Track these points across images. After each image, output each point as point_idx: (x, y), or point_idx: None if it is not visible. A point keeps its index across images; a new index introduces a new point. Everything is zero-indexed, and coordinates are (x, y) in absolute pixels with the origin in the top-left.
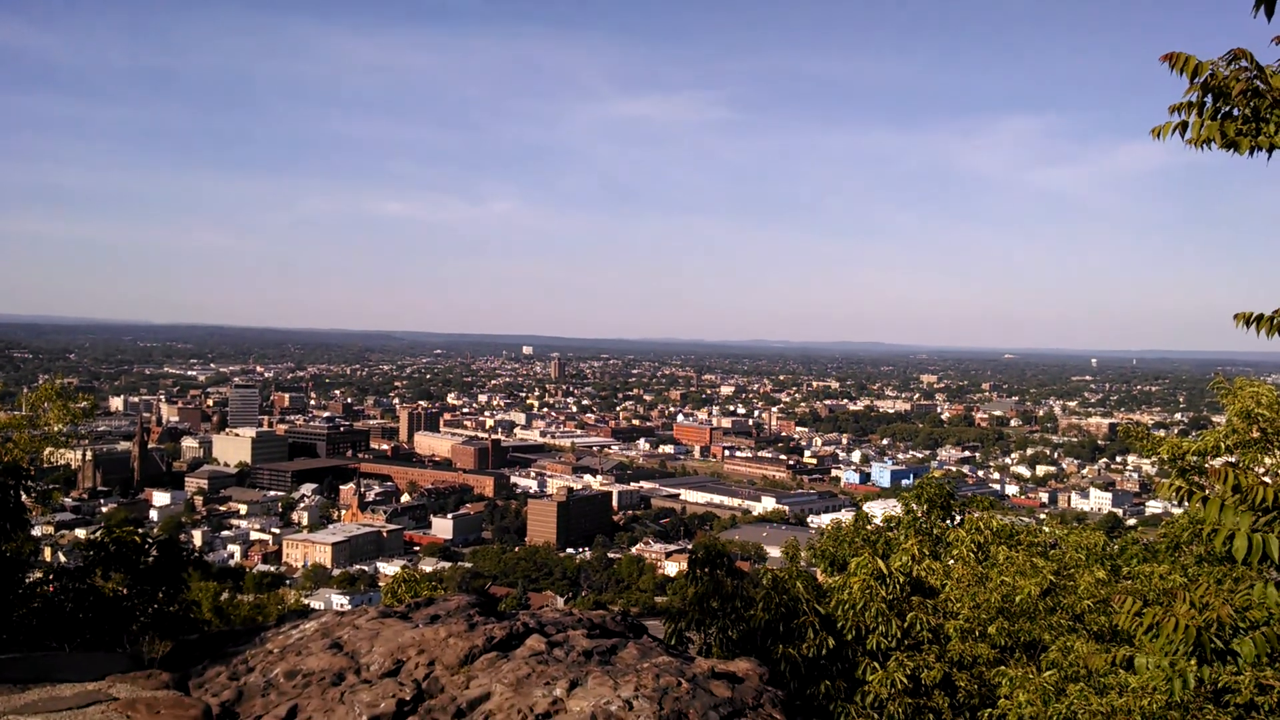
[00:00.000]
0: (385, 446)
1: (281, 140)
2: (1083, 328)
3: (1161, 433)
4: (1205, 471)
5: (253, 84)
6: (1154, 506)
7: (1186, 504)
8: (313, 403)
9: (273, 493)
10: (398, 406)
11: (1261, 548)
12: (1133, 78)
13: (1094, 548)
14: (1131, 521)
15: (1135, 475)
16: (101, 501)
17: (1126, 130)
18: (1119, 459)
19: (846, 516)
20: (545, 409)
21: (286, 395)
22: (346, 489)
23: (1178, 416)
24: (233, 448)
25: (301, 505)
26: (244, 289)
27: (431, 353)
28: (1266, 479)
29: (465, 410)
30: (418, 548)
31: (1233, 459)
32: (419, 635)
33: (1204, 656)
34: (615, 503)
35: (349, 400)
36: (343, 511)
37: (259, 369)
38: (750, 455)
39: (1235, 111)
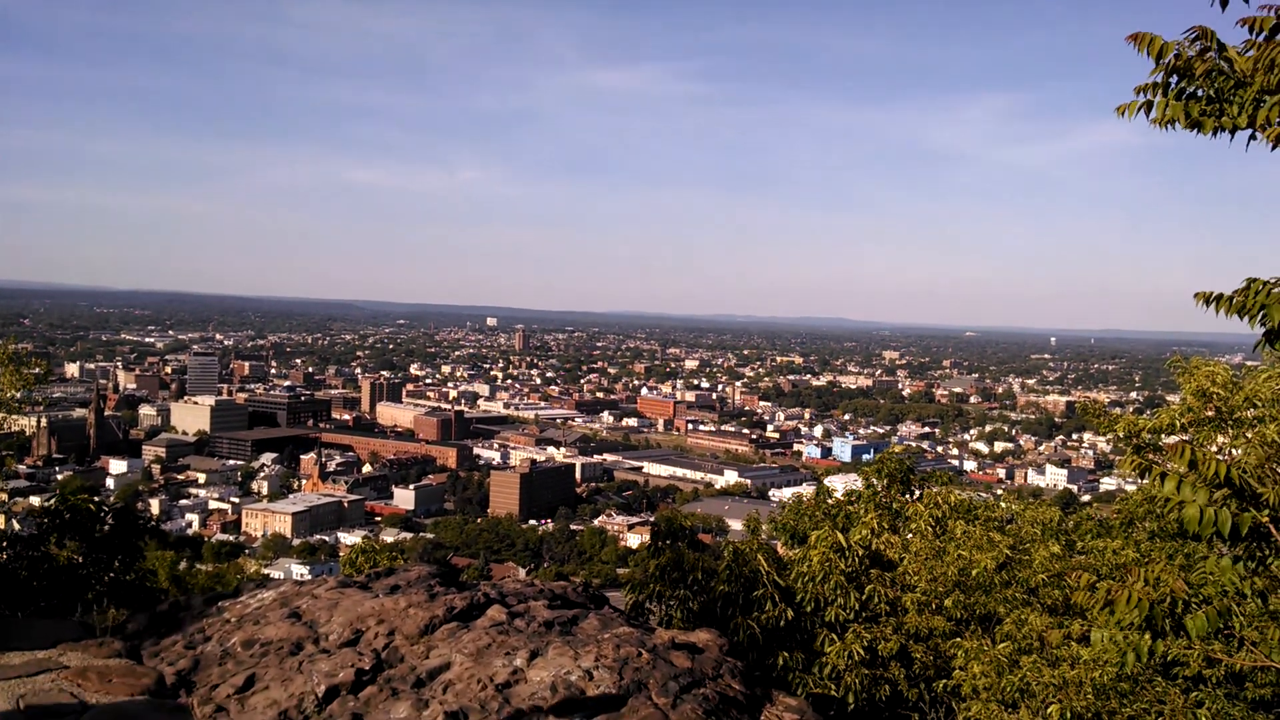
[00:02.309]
0: (347, 416)
1: (246, 104)
2: (1043, 306)
3: (1118, 410)
4: (1161, 449)
5: (219, 46)
6: (1108, 483)
7: (1144, 479)
8: (273, 371)
9: (232, 462)
10: (360, 376)
11: (1214, 522)
12: (1102, 57)
13: (1049, 523)
14: (1086, 498)
15: (1091, 452)
16: (57, 469)
17: (1093, 109)
18: (1075, 436)
19: (808, 490)
20: (509, 381)
21: (247, 364)
22: (307, 459)
23: (1133, 395)
24: (191, 416)
25: (261, 475)
26: (205, 255)
27: (395, 322)
28: (1250, 456)
29: (428, 381)
30: (379, 518)
31: (1187, 436)
32: (379, 605)
33: (1156, 630)
34: (578, 475)
35: (310, 369)
36: (303, 481)
37: (219, 337)
38: (713, 429)
39: (1199, 92)
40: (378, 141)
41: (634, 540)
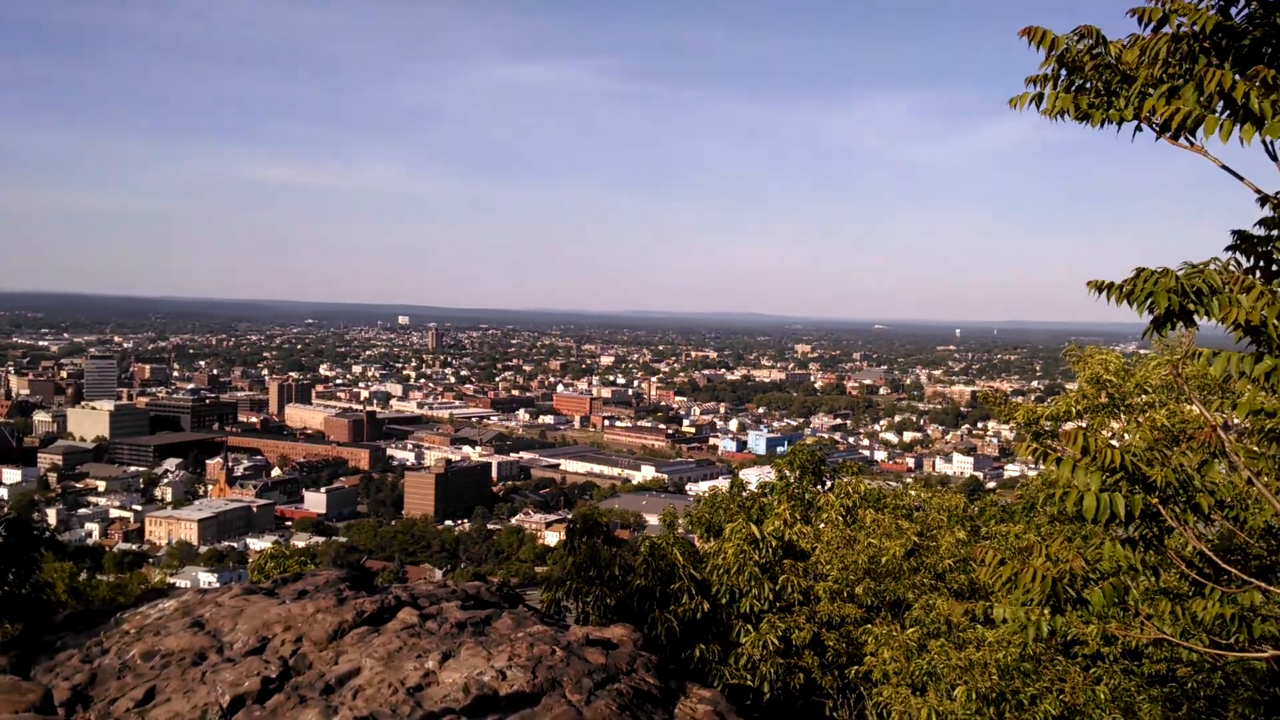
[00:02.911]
0: (254, 419)
1: (141, 96)
2: (948, 299)
3: (1020, 399)
4: (1058, 435)
5: (118, 36)
6: (1012, 470)
7: (1041, 465)
8: (176, 374)
9: (134, 468)
10: (267, 378)
11: (1109, 506)
12: (1003, 56)
13: (955, 509)
14: (991, 484)
15: (995, 440)
16: None
17: (995, 108)
18: (980, 425)
19: (723, 484)
20: (422, 380)
21: (147, 367)
22: (213, 463)
23: (1034, 384)
24: (89, 422)
25: (165, 481)
26: (102, 254)
27: (303, 322)
28: (1114, 442)
29: (339, 382)
30: (290, 523)
31: (1083, 423)
32: (285, 611)
33: (1058, 606)
34: (495, 473)
35: (215, 372)
36: (210, 487)
37: (118, 339)
38: (630, 425)
39: (1088, 85)
40: (283, 136)
41: (552, 538)
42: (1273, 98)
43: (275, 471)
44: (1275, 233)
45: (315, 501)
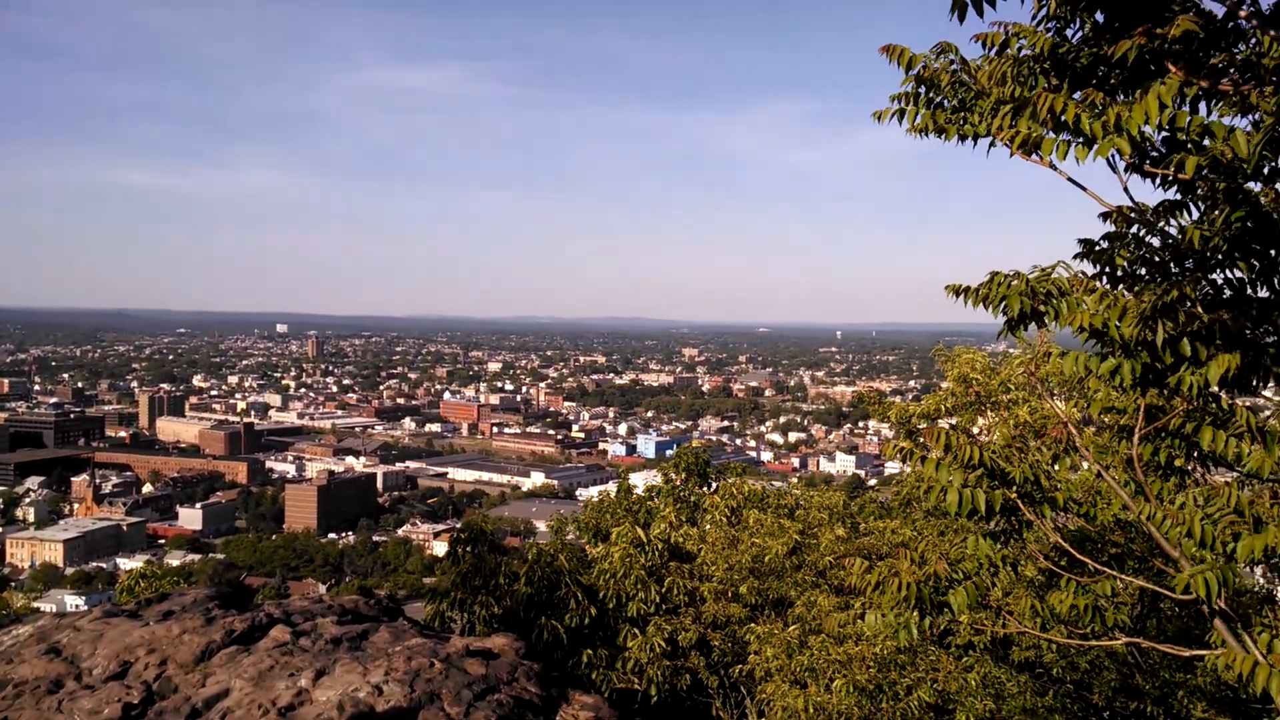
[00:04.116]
0: (124, 434)
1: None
2: (829, 302)
3: (898, 399)
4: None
5: None
6: (892, 467)
7: (907, 464)
8: (37, 388)
9: None
10: (137, 390)
11: (971, 502)
12: (880, 65)
13: (835, 507)
14: (873, 482)
15: (876, 439)
16: None
17: (869, 116)
18: (861, 424)
19: (612, 488)
20: (303, 390)
21: (6, 380)
22: (79, 481)
23: (912, 383)
24: None
25: (27, 500)
26: None
27: (174, 332)
28: (984, 438)
29: (214, 393)
30: (164, 541)
31: (953, 420)
32: (149, 634)
33: (924, 609)
34: (380, 484)
35: (80, 384)
36: (76, 505)
37: None
38: (519, 431)
39: (945, 102)
40: (149, 140)
41: (441, 548)
42: (1103, 119)
43: (147, 488)
44: (1118, 244)
45: (190, 518)
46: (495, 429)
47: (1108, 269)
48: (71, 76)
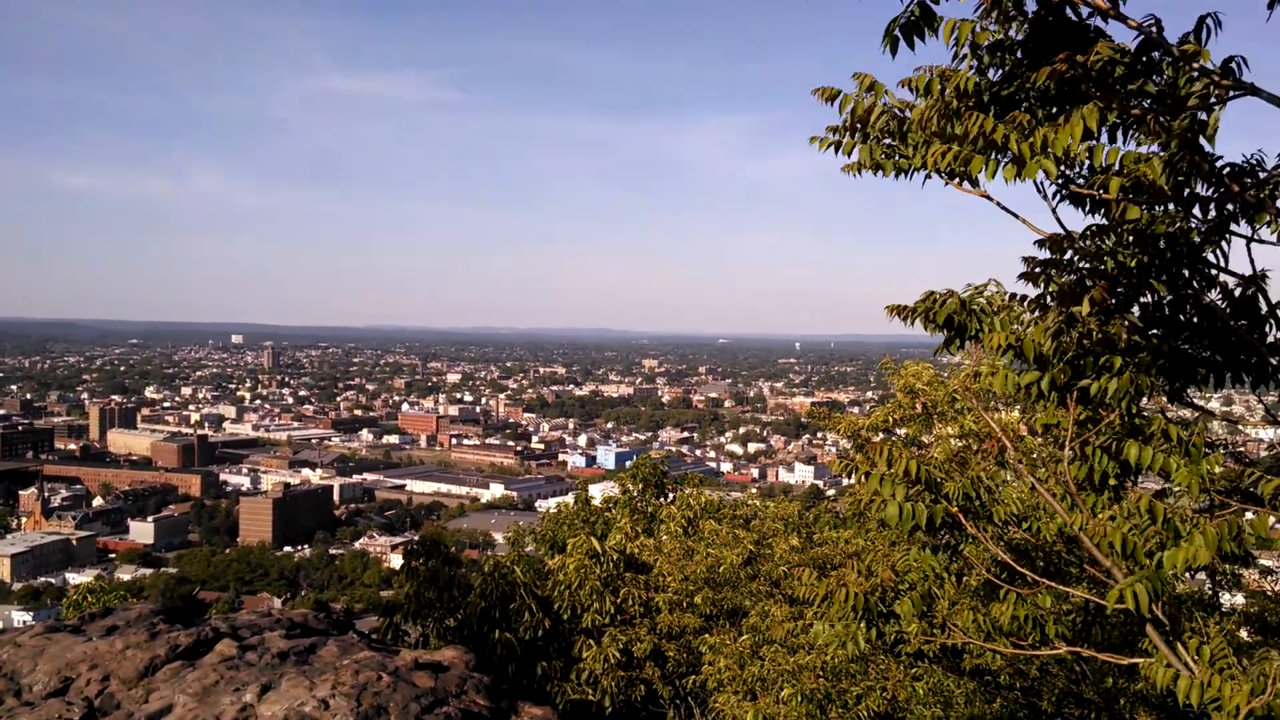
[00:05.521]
0: (73, 446)
1: None
2: (787, 313)
3: (855, 410)
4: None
5: None
6: (850, 479)
7: (850, 478)
8: None
9: None
10: (87, 402)
11: (912, 515)
12: (831, 78)
13: (790, 517)
14: (831, 492)
15: (834, 450)
16: None
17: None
18: (820, 435)
19: (571, 500)
20: (258, 401)
21: None
22: (27, 494)
23: (869, 395)
24: None
25: None
26: None
27: (126, 342)
28: (936, 451)
29: (167, 405)
30: (114, 555)
31: (903, 431)
32: (92, 649)
33: (870, 619)
34: (337, 496)
35: (29, 396)
36: (24, 519)
37: None
38: (478, 443)
39: (879, 139)
40: (92, 144)
41: (398, 561)
42: (1030, 140)
43: (97, 501)
44: (1053, 270)
45: (142, 531)
46: (454, 440)
47: (1049, 291)
48: (11, 78)
